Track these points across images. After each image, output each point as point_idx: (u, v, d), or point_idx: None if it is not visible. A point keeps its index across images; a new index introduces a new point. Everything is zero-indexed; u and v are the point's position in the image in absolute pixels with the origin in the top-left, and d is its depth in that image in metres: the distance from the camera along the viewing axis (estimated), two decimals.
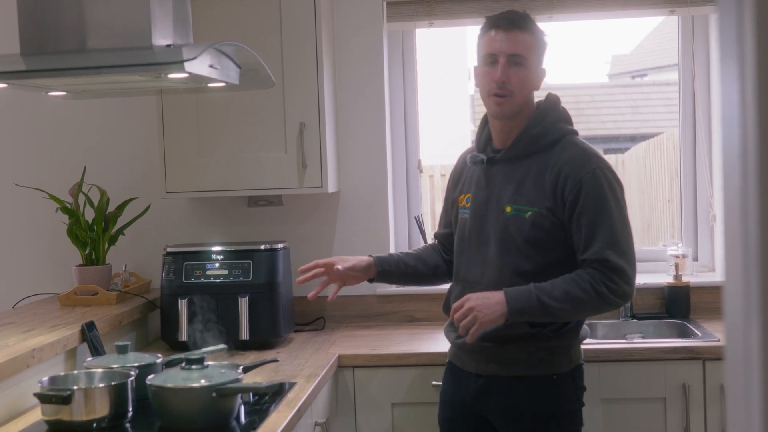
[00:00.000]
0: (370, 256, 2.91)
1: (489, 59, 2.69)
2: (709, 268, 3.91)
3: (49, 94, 2.83)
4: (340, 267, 2.81)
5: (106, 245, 3.60)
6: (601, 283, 2.56)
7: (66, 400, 2.31)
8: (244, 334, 3.36)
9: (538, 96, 2.83)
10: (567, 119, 2.78)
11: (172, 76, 2.49)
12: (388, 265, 2.90)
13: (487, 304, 2.56)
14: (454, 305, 2.61)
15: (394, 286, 3.71)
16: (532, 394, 2.69)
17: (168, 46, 2.50)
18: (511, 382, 2.70)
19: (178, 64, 2.36)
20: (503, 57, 2.66)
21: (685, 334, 3.48)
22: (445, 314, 2.91)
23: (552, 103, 2.78)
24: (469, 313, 2.55)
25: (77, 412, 2.33)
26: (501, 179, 2.73)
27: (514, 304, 2.56)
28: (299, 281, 2.86)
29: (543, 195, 2.64)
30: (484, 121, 2.85)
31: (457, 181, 2.91)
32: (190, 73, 2.38)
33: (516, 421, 2.71)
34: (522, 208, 2.66)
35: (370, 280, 2.92)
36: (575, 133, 2.77)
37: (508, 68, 2.66)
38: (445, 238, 3.00)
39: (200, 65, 2.42)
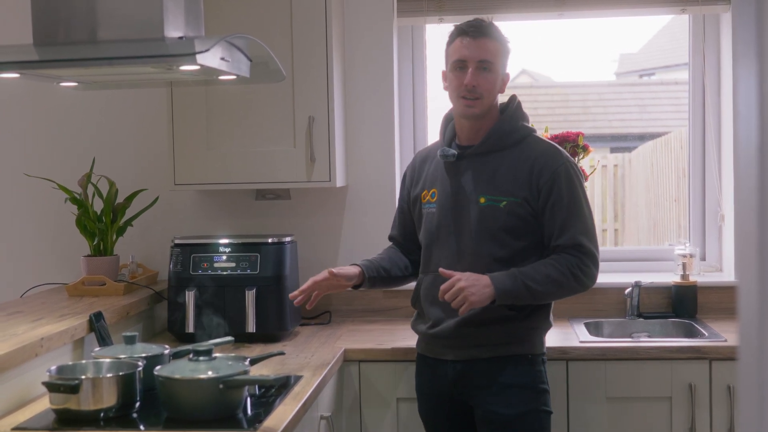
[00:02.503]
0: (355, 264, 3.05)
1: (458, 65, 2.87)
2: (717, 268, 3.91)
3: (61, 84, 2.83)
4: (335, 270, 2.97)
5: (114, 236, 3.60)
6: (576, 267, 2.76)
7: (74, 389, 2.32)
8: (251, 327, 3.37)
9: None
10: (528, 119, 2.97)
11: (183, 68, 2.50)
12: (373, 272, 3.04)
13: (477, 285, 2.71)
14: (444, 285, 2.73)
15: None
16: (511, 369, 2.84)
17: (180, 38, 2.50)
18: (491, 362, 2.85)
19: (190, 56, 2.36)
20: (472, 63, 2.84)
21: (691, 333, 3.48)
22: (414, 308, 3.05)
23: (517, 104, 2.97)
24: (460, 292, 2.69)
25: (85, 402, 2.34)
26: (471, 173, 2.88)
27: (500, 286, 2.71)
28: (297, 303, 3.00)
29: (518, 186, 2.82)
30: (448, 119, 3.02)
31: (417, 179, 3.05)
32: (201, 65, 2.39)
33: (494, 395, 2.83)
34: (496, 199, 2.83)
35: (355, 287, 3.06)
36: (536, 131, 2.96)
37: (477, 73, 2.84)
38: (404, 238, 3.14)
39: (212, 57, 2.42)
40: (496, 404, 2.82)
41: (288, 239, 3.52)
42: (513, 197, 2.80)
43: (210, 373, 2.36)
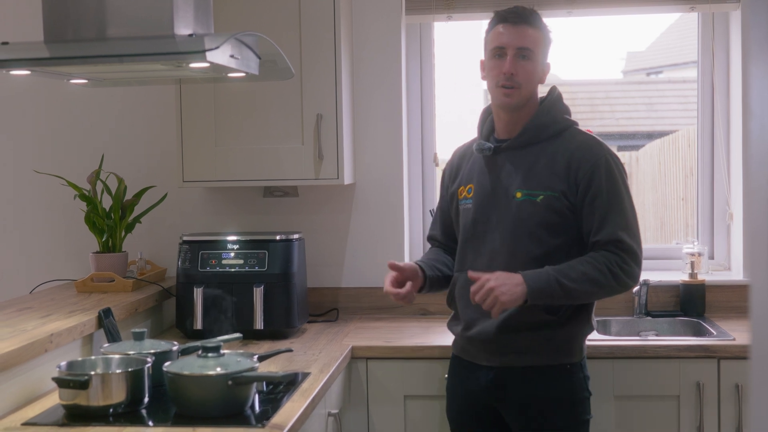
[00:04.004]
0: (416, 263, 2.88)
1: (497, 52, 2.76)
2: (725, 267, 3.90)
3: (71, 81, 2.84)
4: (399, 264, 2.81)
5: (123, 233, 3.61)
6: (616, 265, 2.63)
7: (83, 385, 2.33)
8: (258, 324, 3.37)
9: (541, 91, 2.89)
10: (569, 112, 2.86)
11: (193, 65, 2.50)
12: (432, 272, 2.88)
13: (507, 284, 2.58)
14: (474, 287, 2.60)
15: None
16: (546, 382, 2.72)
17: (190, 35, 2.50)
18: (526, 372, 2.73)
19: (200, 54, 2.36)
20: (511, 50, 2.73)
21: (699, 332, 3.47)
22: (450, 307, 2.93)
23: (557, 96, 2.86)
24: (490, 293, 2.57)
25: (94, 397, 2.35)
26: (508, 167, 2.78)
27: (532, 285, 2.58)
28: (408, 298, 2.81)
29: (556, 179, 2.70)
30: (487, 112, 2.91)
31: (455, 175, 2.94)
32: (211, 62, 2.39)
33: (529, 409, 2.73)
34: (533, 193, 2.71)
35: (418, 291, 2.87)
36: (577, 124, 2.84)
37: (516, 61, 2.73)
38: (445, 237, 3.01)
39: (221, 55, 2.43)
40: (532, 419, 2.72)
41: (296, 236, 3.52)
42: (550, 191, 2.69)
43: (218, 369, 2.37)
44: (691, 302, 3.65)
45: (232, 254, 3.46)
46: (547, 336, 2.70)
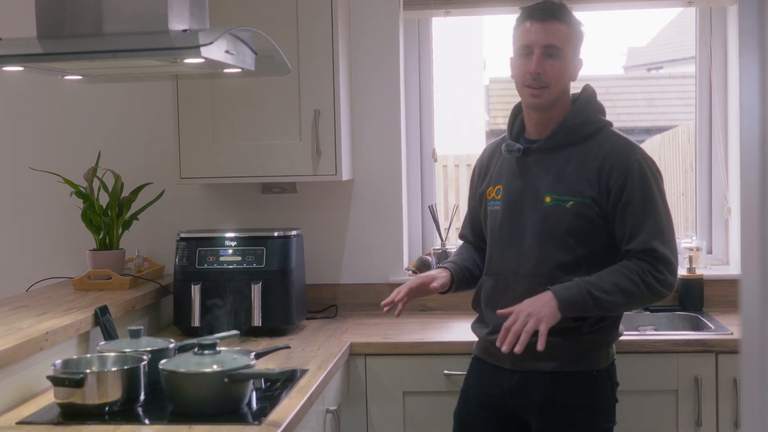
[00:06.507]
0: (443, 267, 2.85)
1: (524, 51, 2.67)
2: (723, 261, 3.90)
3: (66, 78, 2.83)
4: (436, 284, 2.78)
5: (120, 230, 3.60)
6: (648, 274, 2.55)
7: (78, 383, 2.32)
8: (257, 321, 3.36)
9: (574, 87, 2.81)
10: (604, 111, 2.77)
11: (188, 61, 2.49)
12: (460, 275, 2.85)
13: (540, 304, 2.52)
14: (506, 322, 2.53)
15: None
16: (571, 389, 2.66)
17: (184, 31, 2.49)
18: (550, 378, 2.66)
19: (194, 49, 2.35)
20: (538, 49, 2.65)
21: (698, 326, 3.46)
22: (474, 310, 2.87)
23: (590, 94, 2.77)
24: (529, 319, 2.50)
25: (89, 396, 2.34)
26: (538, 169, 2.69)
27: (562, 297, 2.53)
28: (388, 311, 2.81)
29: (586, 184, 2.62)
30: (516, 111, 2.83)
31: (484, 174, 2.86)
32: (206, 58, 2.37)
33: (552, 416, 2.67)
34: (562, 198, 2.63)
35: (443, 293, 2.85)
36: (612, 124, 2.76)
37: (544, 60, 2.65)
38: (474, 236, 2.95)
39: (216, 51, 2.41)
40: (553, 425, 2.66)
41: (294, 233, 3.51)
42: (580, 197, 2.61)
43: (215, 366, 2.36)
44: (690, 297, 3.64)
45: (230, 251, 3.45)
46: (573, 342, 2.63)
